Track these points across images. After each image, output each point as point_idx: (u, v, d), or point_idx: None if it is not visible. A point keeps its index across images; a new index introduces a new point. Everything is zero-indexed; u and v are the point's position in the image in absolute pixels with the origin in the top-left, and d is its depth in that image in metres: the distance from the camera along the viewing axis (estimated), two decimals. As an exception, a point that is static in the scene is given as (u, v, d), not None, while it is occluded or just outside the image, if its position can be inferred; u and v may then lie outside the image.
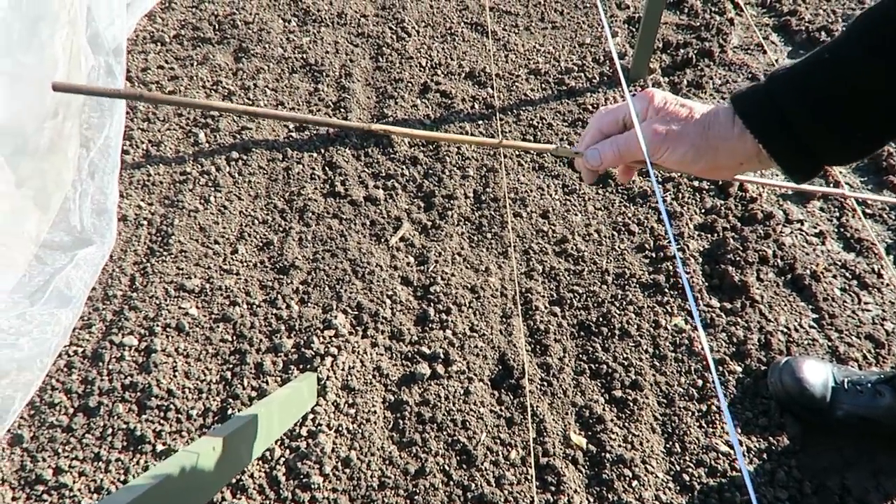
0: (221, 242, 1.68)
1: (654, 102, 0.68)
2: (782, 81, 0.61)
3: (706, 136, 0.65)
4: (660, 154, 0.67)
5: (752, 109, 0.62)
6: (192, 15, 2.40)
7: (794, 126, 0.60)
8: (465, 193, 1.80)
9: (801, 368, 1.32)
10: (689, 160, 0.66)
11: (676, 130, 0.66)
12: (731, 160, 0.65)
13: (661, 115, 0.67)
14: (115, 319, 1.51)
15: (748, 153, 0.64)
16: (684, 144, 0.66)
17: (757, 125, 0.62)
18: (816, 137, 0.60)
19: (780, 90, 0.61)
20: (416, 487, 1.25)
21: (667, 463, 1.29)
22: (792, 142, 0.61)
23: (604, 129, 0.73)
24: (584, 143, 0.75)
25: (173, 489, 0.78)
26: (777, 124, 0.61)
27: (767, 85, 0.62)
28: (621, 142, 0.70)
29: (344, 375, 1.41)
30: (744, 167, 0.66)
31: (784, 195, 1.81)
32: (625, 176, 0.81)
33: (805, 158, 0.62)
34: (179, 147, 1.93)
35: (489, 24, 2.37)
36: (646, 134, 0.67)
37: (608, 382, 1.41)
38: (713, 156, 0.65)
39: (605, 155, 0.71)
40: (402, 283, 1.60)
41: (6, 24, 1.47)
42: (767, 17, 2.46)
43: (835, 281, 1.60)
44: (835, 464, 1.29)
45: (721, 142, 0.64)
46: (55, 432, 1.32)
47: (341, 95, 2.09)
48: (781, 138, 0.61)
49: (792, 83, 0.61)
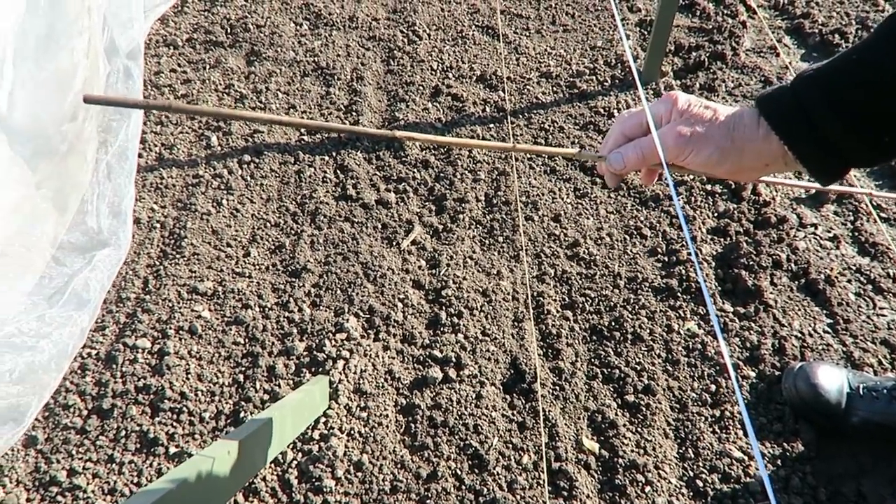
0: (234, 245, 1.69)
1: (677, 105, 0.68)
2: (808, 83, 0.61)
3: (731, 138, 0.65)
4: (684, 156, 0.67)
5: (777, 111, 0.62)
6: (205, 19, 2.41)
7: (820, 128, 0.60)
8: (476, 197, 1.80)
9: (815, 374, 1.31)
10: (714, 162, 0.66)
11: (701, 132, 0.66)
12: (757, 162, 0.65)
13: (686, 117, 0.67)
14: (128, 322, 1.52)
15: (774, 155, 0.63)
16: (709, 146, 0.65)
17: (783, 127, 0.61)
18: (843, 139, 0.59)
19: (807, 92, 0.61)
20: (428, 491, 1.25)
21: (680, 468, 1.29)
22: (818, 144, 0.60)
23: (627, 133, 0.72)
24: (607, 146, 0.74)
25: (189, 493, 0.78)
26: (804, 126, 0.60)
27: (793, 86, 0.62)
28: (645, 144, 0.70)
29: (356, 379, 1.41)
30: (769, 169, 0.66)
31: (798, 199, 1.80)
32: (648, 179, 0.80)
33: (831, 160, 0.61)
34: (192, 150, 1.94)
35: (500, 28, 2.37)
36: (670, 136, 0.67)
37: (621, 387, 1.40)
38: (738, 157, 0.65)
39: (628, 158, 0.71)
40: (414, 286, 1.60)
41: (24, 29, 1.49)
42: (780, 20, 2.44)
43: (849, 285, 1.58)
44: (850, 470, 1.27)
45: (746, 143, 0.64)
46: (69, 434, 1.33)
47: (353, 99, 2.09)
48: (808, 140, 0.61)
49: (818, 85, 0.60)
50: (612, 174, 0.74)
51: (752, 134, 0.63)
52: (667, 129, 0.67)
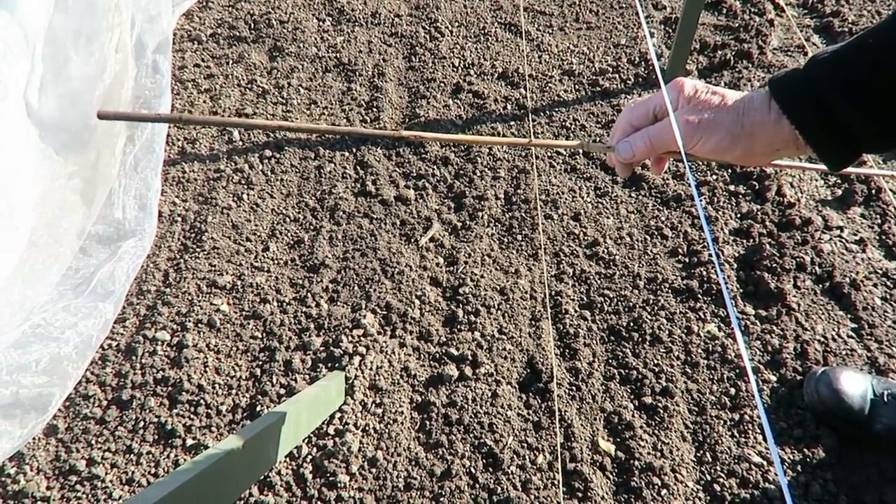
0: (253, 240, 1.70)
1: (684, 92, 0.67)
2: (822, 66, 0.60)
3: (741, 123, 0.64)
4: (693, 143, 0.66)
5: (789, 94, 0.61)
6: (229, 14, 2.43)
7: (831, 111, 0.58)
8: (495, 194, 1.79)
9: (838, 379, 1.28)
10: (724, 148, 0.65)
11: (709, 118, 0.65)
12: (768, 146, 0.64)
13: (693, 104, 0.67)
14: (148, 314, 1.54)
15: (785, 139, 0.62)
16: (719, 132, 0.65)
17: (793, 110, 0.60)
18: (855, 123, 0.58)
19: (820, 75, 0.59)
20: (442, 489, 1.25)
21: (697, 472, 1.27)
22: (829, 127, 0.59)
23: (634, 122, 0.72)
24: (615, 137, 0.74)
25: (204, 485, 0.79)
26: (815, 109, 0.59)
27: (807, 69, 0.61)
28: (653, 133, 0.69)
29: (372, 375, 1.41)
30: (780, 153, 0.65)
31: (823, 200, 1.76)
32: (657, 167, 0.80)
33: (843, 145, 0.60)
34: (214, 145, 1.96)
35: (523, 25, 2.36)
36: (679, 124, 0.66)
37: (638, 388, 1.39)
38: (749, 142, 0.64)
39: (636, 147, 0.70)
40: (432, 283, 1.60)
41: (53, 25, 1.51)
42: (809, 19, 2.40)
43: (875, 290, 1.55)
44: (872, 478, 1.25)
45: (757, 128, 0.63)
46: (89, 424, 1.35)
47: (374, 95, 2.09)
48: (819, 124, 0.60)
49: (832, 68, 0.59)
50: (622, 164, 0.74)
51: (762, 118, 0.62)
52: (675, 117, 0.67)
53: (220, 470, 0.83)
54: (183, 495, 0.74)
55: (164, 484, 0.74)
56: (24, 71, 1.47)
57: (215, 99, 2.09)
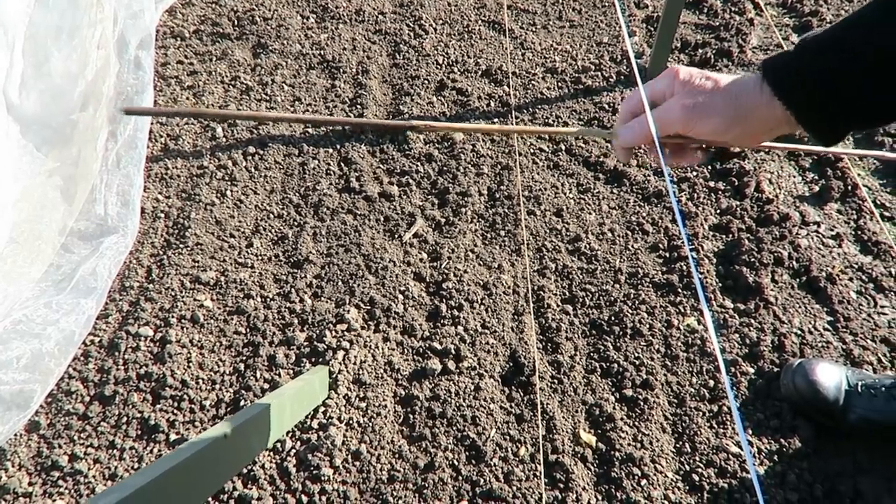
0: (237, 236, 1.70)
1: (678, 77, 0.71)
2: (810, 46, 0.63)
3: (735, 106, 0.67)
4: (691, 126, 0.69)
5: (779, 74, 0.64)
6: (212, 10, 2.42)
7: (822, 91, 0.61)
8: (479, 191, 1.80)
9: (814, 371, 1.31)
10: (721, 130, 0.68)
11: (703, 102, 0.68)
12: (763, 126, 0.67)
13: (688, 89, 0.70)
14: (131, 310, 1.54)
15: (778, 119, 0.65)
16: (714, 115, 0.67)
17: (785, 90, 0.63)
18: (846, 102, 0.61)
19: (808, 54, 0.62)
20: (425, 481, 1.26)
21: (676, 463, 1.29)
22: (820, 106, 0.62)
23: (633, 110, 0.76)
24: (617, 125, 0.79)
25: (185, 475, 0.79)
26: (805, 90, 0.62)
27: (797, 51, 0.64)
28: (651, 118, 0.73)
29: (355, 369, 1.42)
30: (774, 133, 0.68)
31: (801, 196, 1.79)
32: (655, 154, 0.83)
33: (830, 121, 0.63)
34: (197, 141, 1.95)
35: (507, 22, 2.37)
36: (674, 109, 0.69)
37: (619, 381, 1.41)
38: (744, 124, 0.67)
39: (635, 132, 0.74)
40: (415, 278, 1.61)
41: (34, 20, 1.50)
42: (788, 18, 2.43)
43: (851, 284, 1.58)
44: (847, 468, 1.27)
45: (751, 110, 0.66)
46: (71, 420, 1.35)
47: (358, 92, 2.10)
48: (809, 103, 0.62)
49: (819, 48, 0.62)
50: (623, 149, 0.78)
51: (755, 100, 0.65)
52: (671, 102, 0.70)
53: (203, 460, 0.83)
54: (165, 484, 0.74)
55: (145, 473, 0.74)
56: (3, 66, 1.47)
57: (198, 96, 2.08)
